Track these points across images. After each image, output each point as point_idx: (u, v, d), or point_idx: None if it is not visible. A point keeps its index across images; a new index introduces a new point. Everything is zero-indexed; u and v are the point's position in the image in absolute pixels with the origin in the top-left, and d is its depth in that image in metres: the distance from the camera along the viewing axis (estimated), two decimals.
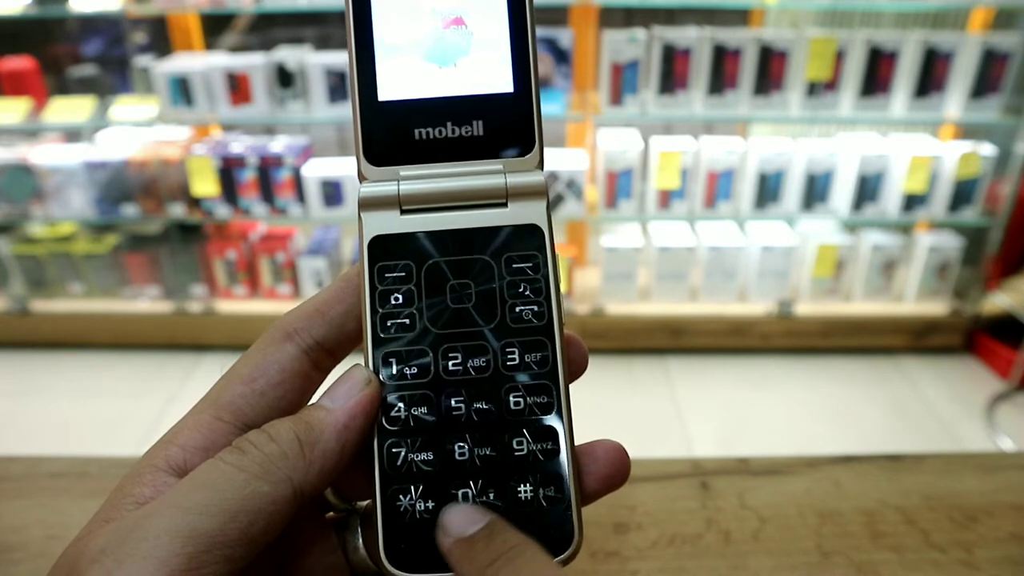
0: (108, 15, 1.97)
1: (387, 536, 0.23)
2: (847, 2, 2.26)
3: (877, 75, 1.82)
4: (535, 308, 0.25)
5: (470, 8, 0.25)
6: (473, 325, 0.25)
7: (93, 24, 2.51)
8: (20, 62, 2.05)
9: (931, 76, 1.82)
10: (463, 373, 0.24)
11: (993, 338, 2.02)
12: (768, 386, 1.98)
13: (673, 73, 1.83)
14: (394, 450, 0.24)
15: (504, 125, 0.25)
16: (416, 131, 0.25)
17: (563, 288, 2.01)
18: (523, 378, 0.24)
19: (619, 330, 2.07)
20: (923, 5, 2.16)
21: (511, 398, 0.24)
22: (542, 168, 0.26)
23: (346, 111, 1.91)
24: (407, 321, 0.25)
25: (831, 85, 1.83)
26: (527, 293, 0.25)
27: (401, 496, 0.23)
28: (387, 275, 0.25)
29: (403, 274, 0.25)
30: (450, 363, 0.24)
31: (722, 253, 2.00)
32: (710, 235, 2.03)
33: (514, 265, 0.25)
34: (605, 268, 2.04)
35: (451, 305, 0.25)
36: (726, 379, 2.02)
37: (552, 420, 0.24)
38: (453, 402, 0.24)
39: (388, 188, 0.25)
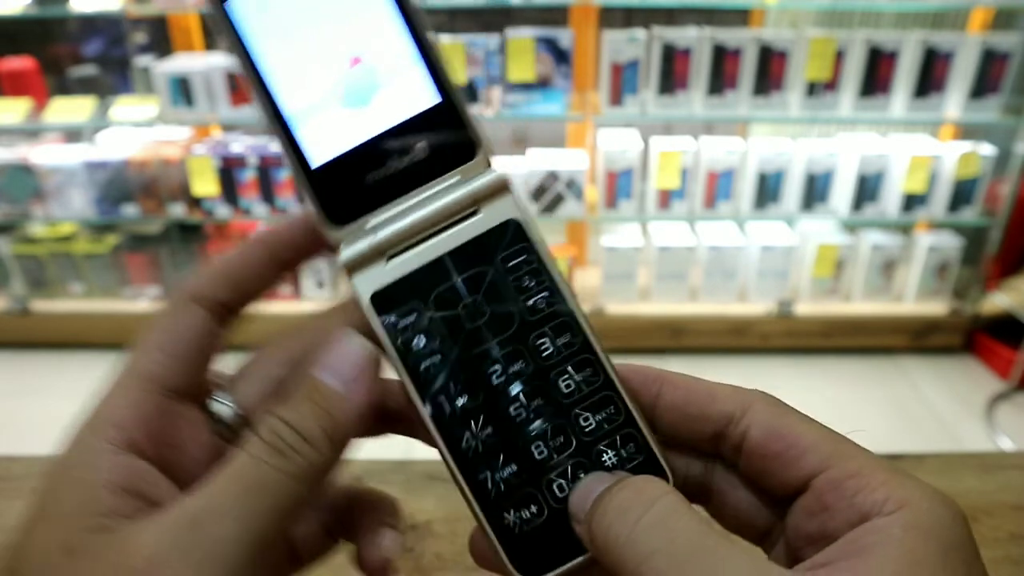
0: (108, 15, 1.97)
1: (511, 554, 0.24)
2: (847, 2, 2.26)
3: (877, 75, 1.82)
4: (546, 295, 0.25)
5: (362, 42, 0.25)
6: (498, 334, 0.25)
7: (93, 24, 2.51)
8: (20, 62, 2.05)
9: (931, 76, 1.82)
10: (509, 380, 0.25)
11: (993, 338, 2.02)
12: (768, 386, 1.95)
13: (673, 73, 1.83)
14: (480, 477, 0.24)
15: (442, 138, 0.25)
16: (365, 179, 0.25)
17: None
18: (563, 361, 0.25)
19: (619, 330, 2.07)
20: (923, 5, 2.16)
21: (561, 383, 0.25)
22: (493, 163, 0.26)
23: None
24: (438, 358, 0.25)
25: (831, 85, 1.83)
26: (531, 284, 0.25)
27: (506, 515, 0.24)
28: (400, 325, 0.25)
29: (413, 317, 0.25)
30: (493, 377, 0.25)
31: (722, 253, 2.00)
32: (710, 235, 2.03)
33: (509, 263, 0.25)
34: (605, 268, 2.04)
35: (470, 325, 0.25)
36: (726, 379, 1.97)
37: (604, 387, 0.25)
38: (512, 410, 0.25)
39: (365, 244, 0.25)
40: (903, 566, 0.19)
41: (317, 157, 0.25)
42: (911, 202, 1.94)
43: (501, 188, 0.25)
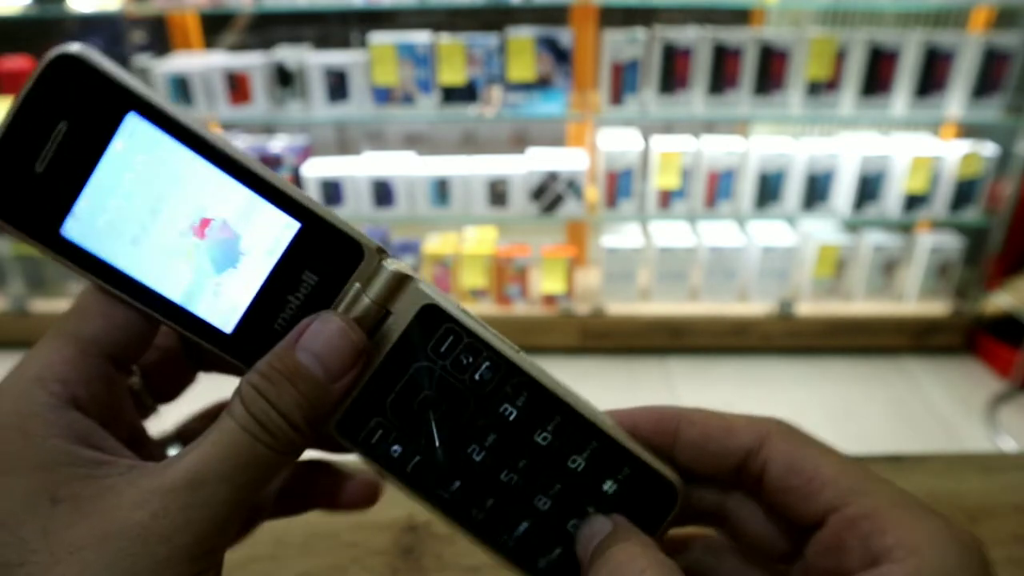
0: (107, 15, 1.97)
1: None
2: (848, 2, 2.26)
3: (878, 75, 1.82)
4: (487, 364, 0.25)
5: (198, 209, 0.23)
6: (462, 417, 0.25)
7: (92, 24, 2.51)
8: (19, 62, 2.05)
9: (932, 76, 1.81)
10: (489, 454, 0.25)
11: (994, 338, 2.02)
12: (769, 386, 1.98)
13: (673, 73, 1.83)
14: (500, 540, 0.26)
15: (324, 256, 0.24)
16: (275, 326, 0.24)
17: (563, 288, 2.01)
18: (528, 418, 0.25)
19: (619, 330, 2.06)
20: (924, 4, 2.15)
21: (537, 439, 0.25)
22: (385, 255, 0.24)
23: (346, 110, 1.91)
24: (418, 458, 0.25)
25: (832, 85, 1.83)
26: (470, 360, 0.25)
27: (539, 561, 0.26)
28: (372, 442, 0.25)
29: (380, 432, 0.25)
30: (475, 455, 0.25)
31: (722, 253, 2.00)
32: (710, 235, 2.03)
33: (440, 349, 0.24)
34: (605, 268, 2.03)
35: (434, 416, 0.25)
36: (727, 379, 2.01)
37: (574, 426, 0.25)
38: (503, 477, 0.25)
39: None
40: None
41: (224, 325, 0.24)
42: (912, 202, 1.93)
43: (399, 281, 0.24)
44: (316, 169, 1.95)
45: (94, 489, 0.20)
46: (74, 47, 0.21)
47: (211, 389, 0.30)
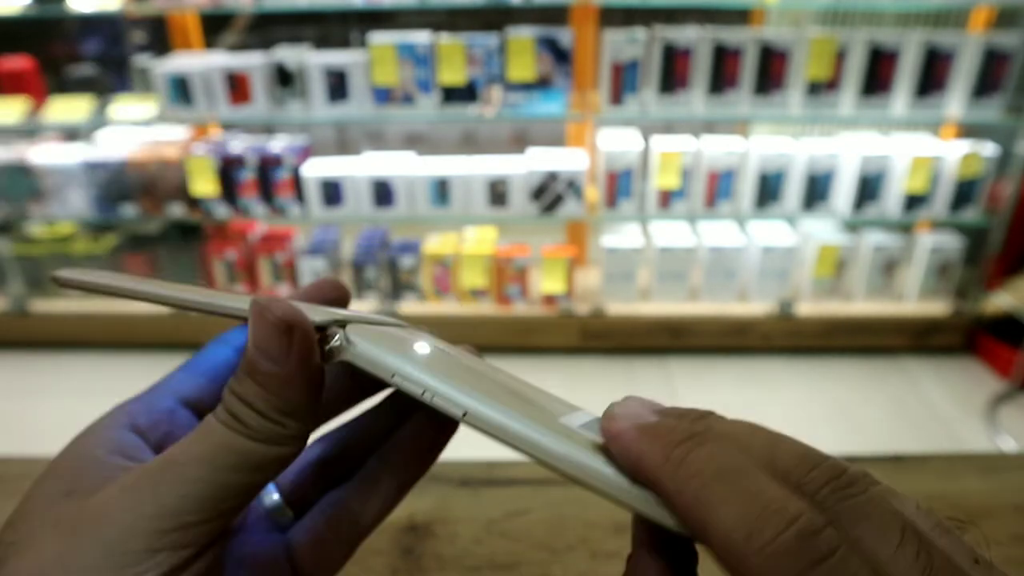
0: (107, 15, 1.97)
1: None
2: (848, 2, 2.26)
3: (878, 75, 1.82)
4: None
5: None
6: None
7: (92, 23, 2.51)
8: (19, 61, 2.05)
9: (932, 76, 1.81)
10: None
11: (994, 338, 2.02)
12: (769, 386, 1.98)
13: (673, 73, 1.83)
14: None
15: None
16: None
17: (563, 288, 2.01)
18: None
19: (619, 330, 2.06)
20: (924, 4, 2.15)
21: None
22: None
23: (346, 110, 1.91)
24: None
25: (832, 85, 1.83)
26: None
27: None
28: None
29: None
30: None
31: (722, 253, 2.00)
32: (710, 235, 2.03)
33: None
34: (605, 268, 2.03)
35: None
36: (727, 379, 2.01)
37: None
38: None
39: None
40: None
41: None
42: (912, 202, 1.93)
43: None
44: (316, 169, 1.95)
45: (101, 483, 0.22)
46: (61, 273, 0.28)
47: None
